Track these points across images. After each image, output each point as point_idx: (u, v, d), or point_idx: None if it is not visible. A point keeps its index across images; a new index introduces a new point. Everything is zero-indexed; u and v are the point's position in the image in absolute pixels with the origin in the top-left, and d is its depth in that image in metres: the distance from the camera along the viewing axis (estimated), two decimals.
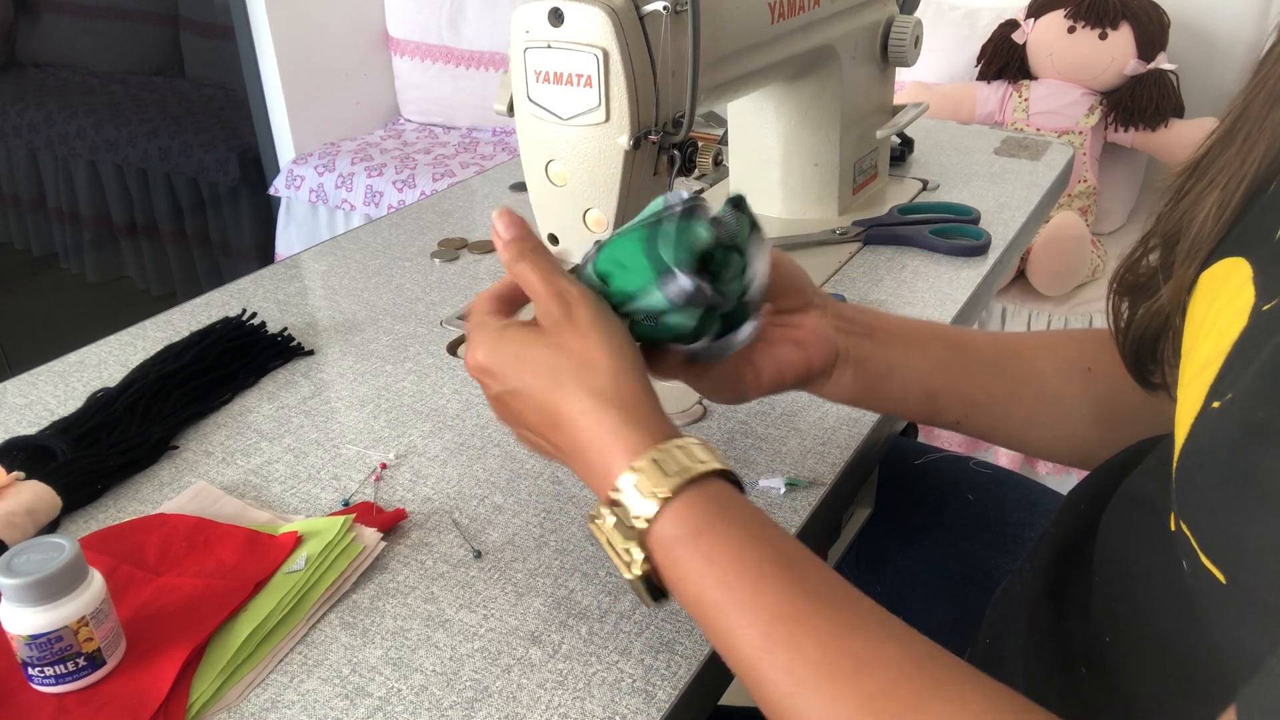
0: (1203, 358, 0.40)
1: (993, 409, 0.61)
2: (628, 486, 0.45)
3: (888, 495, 0.90)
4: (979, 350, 0.61)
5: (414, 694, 0.50)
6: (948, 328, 0.64)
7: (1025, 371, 0.61)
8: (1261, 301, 0.38)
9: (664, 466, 0.44)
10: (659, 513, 0.44)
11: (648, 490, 0.44)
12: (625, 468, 0.45)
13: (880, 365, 0.59)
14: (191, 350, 0.77)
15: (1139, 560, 0.44)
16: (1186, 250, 0.46)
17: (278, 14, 2.31)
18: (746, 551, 0.43)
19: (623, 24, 0.64)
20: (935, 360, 0.60)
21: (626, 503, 0.45)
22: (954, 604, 0.82)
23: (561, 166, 0.70)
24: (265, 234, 2.62)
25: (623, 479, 0.45)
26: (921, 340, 0.61)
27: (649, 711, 0.49)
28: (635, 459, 0.45)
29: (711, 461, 0.45)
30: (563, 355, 0.48)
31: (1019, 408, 0.61)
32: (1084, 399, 0.60)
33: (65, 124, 2.81)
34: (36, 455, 0.66)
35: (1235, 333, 0.38)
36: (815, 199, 0.99)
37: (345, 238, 1.01)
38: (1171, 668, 0.41)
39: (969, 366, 0.61)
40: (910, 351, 0.60)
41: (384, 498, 0.64)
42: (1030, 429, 0.62)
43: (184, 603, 0.54)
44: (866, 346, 0.59)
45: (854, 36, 0.93)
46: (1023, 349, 0.62)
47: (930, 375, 0.60)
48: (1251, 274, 0.39)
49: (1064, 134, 1.87)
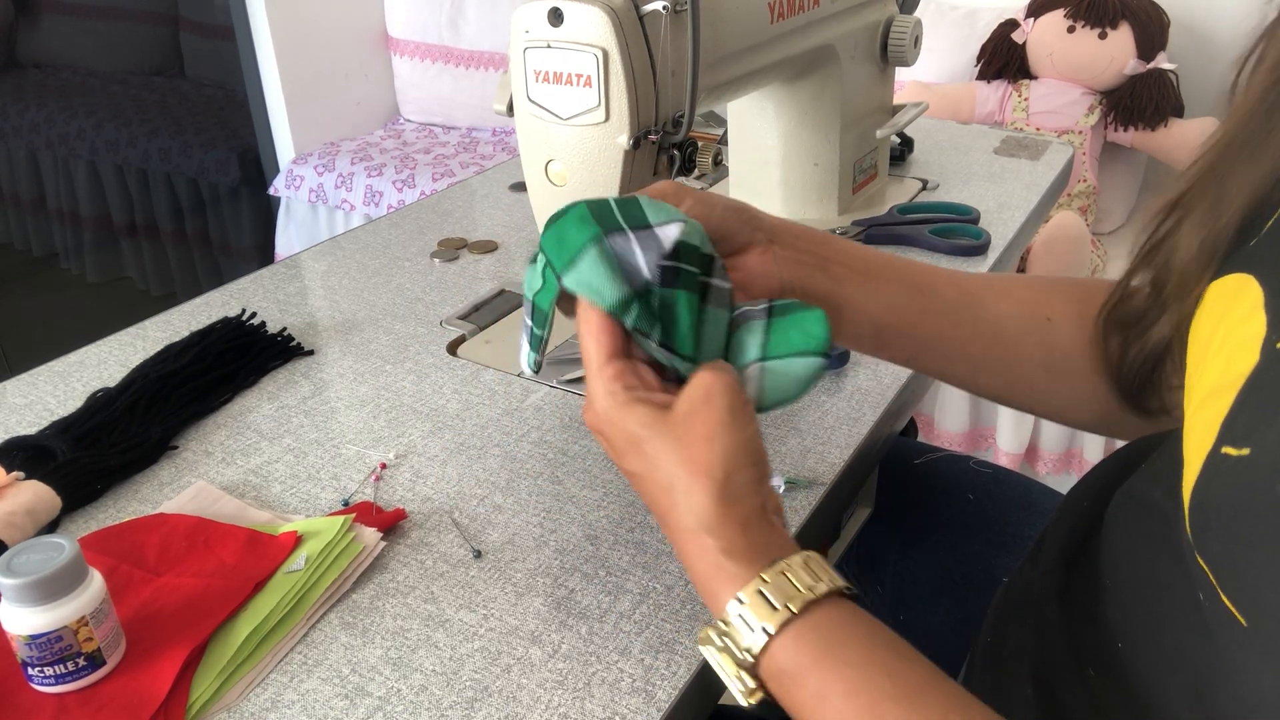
0: (1210, 381, 0.39)
1: (943, 350, 0.60)
2: (734, 617, 0.43)
3: (887, 495, 0.90)
4: (939, 292, 0.60)
5: (414, 694, 0.50)
6: (911, 265, 0.61)
7: (983, 317, 0.60)
8: (1275, 335, 0.37)
9: (770, 598, 0.43)
10: (767, 646, 0.42)
11: (756, 623, 0.42)
12: (731, 597, 0.43)
13: (830, 299, 0.58)
14: (191, 350, 0.77)
15: (1154, 574, 0.43)
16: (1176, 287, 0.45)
17: (278, 14, 2.31)
18: (862, 688, 0.41)
19: (622, 24, 0.64)
20: (889, 299, 0.59)
21: (735, 633, 0.43)
22: (954, 604, 0.82)
23: (561, 166, 0.70)
24: (265, 234, 2.62)
25: (730, 608, 0.43)
26: (879, 277, 0.59)
27: (649, 711, 0.49)
28: (741, 588, 0.43)
29: (821, 584, 0.43)
30: (682, 461, 0.46)
31: (970, 351, 0.60)
32: (1039, 349, 0.59)
33: (65, 124, 2.81)
34: (36, 455, 0.66)
35: (1246, 366, 0.37)
36: (815, 199, 0.99)
37: (345, 238, 1.01)
38: (1187, 681, 0.40)
39: (925, 309, 0.59)
40: (864, 287, 0.58)
41: (384, 498, 0.64)
42: (979, 374, 0.61)
43: (184, 603, 0.54)
44: (817, 279, 0.57)
45: (854, 36, 0.93)
46: (985, 294, 0.61)
47: (882, 314, 0.59)
48: (1263, 298, 0.38)
49: (1064, 134, 1.87)
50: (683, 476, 0.45)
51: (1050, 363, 0.59)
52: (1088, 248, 1.77)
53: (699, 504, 0.45)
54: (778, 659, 0.42)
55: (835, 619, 0.43)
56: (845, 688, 0.41)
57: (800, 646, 0.42)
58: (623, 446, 0.48)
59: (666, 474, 0.46)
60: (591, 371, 0.49)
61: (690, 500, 0.45)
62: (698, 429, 0.46)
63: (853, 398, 0.72)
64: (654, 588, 0.56)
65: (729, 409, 0.46)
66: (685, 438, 0.46)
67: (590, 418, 0.49)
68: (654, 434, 0.46)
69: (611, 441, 0.48)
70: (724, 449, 0.45)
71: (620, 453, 0.48)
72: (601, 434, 0.49)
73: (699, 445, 0.45)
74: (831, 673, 0.41)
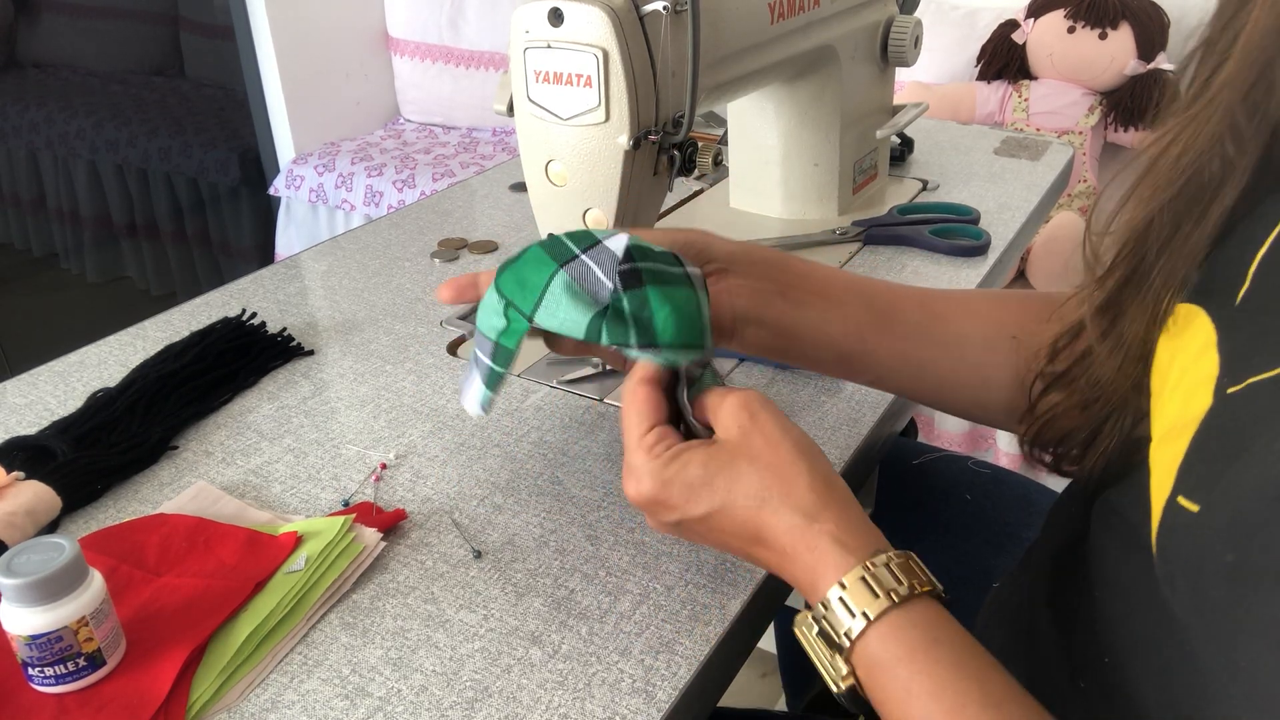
0: (1169, 419, 0.39)
1: (908, 372, 0.60)
2: (835, 600, 0.44)
3: (887, 495, 0.90)
4: (904, 314, 0.60)
5: (414, 694, 0.50)
6: (876, 286, 0.61)
7: (948, 337, 0.60)
8: (1226, 379, 0.37)
9: (873, 585, 0.43)
10: (864, 632, 0.43)
11: (855, 608, 0.43)
12: (834, 582, 0.44)
13: (787, 326, 0.58)
14: (191, 350, 0.77)
15: (1134, 593, 0.44)
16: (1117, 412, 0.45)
17: (278, 14, 2.31)
18: (948, 688, 0.41)
19: (623, 24, 0.64)
20: (853, 323, 0.59)
21: (833, 616, 0.44)
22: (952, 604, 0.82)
23: (561, 166, 0.70)
24: (265, 234, 2.62)
25: (831, 592, 0.44)
26: (841, 300, 0.59)
27: (649, 711, 0.49)
28: (845, 573, 0.44)
29: (920, 581, 0.44)
30: (763, 471, 0.47)
31: (936, 371, 0.60)
32: (1005, 367, 0.59)
33: (65, 124, 2.81)
34: (36, 455, 0.66)
35: (1200, 409, 0.37)
36: (815, 199, 0.99)
37: (345, 238, 1.01)
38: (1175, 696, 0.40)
39: (890, 330, 0.59)
40: (826, 312, 0.58)
41: (384, 498, 0.64)
42: (944, 391, 0.61)
43: (184, 603, 0.54)
44: (776, 307, 0.58)
45: (854, 37, 0.93)
46: (949, 313, 0.61)
47: (843, 338, 0.59)
48: (1215, 338, 0.38)
49: (1064, 134, 1.87)
50: (773, 484, 0.46)
51: (1016, 382, 0.59)
52: None
53: (800, 499, 0.46)
54: (871, 647, 0.43)
55: (931, 617, 0.44)
56: (933, 686, 0.41)
57: (897, 636, 0.43)
58: (687, 496, 0.48)
59: (752, 492, 0.46)
60: (630, 444, 0.49)
61: (791, 498, 0.46)
62: (759, 441, 0.47)
63: (853, 398, 0.72)
64: (654, 588, 0.56)
65: (773, 414, 0.47)
66: (755, 454, 0.47)
67: (636, 489, 0.49)
68: (719, 466, 0.47)
69: (670, 501, 0.48)
70: (796, 448, 0.47)
71: (686, 505, 0.48)
72: (658, 501, 0.49)
73: (773, 453, 0.46)
74: (922, 670, 0.42)
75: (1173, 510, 0.36)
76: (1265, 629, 0.32)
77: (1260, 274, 0.38)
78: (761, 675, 1.39)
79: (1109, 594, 0.46)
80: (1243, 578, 0.33)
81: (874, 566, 0.44)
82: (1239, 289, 0.38)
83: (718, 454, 0.47)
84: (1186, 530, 0.35)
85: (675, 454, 0.48)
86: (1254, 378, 0.35)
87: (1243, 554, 0.32)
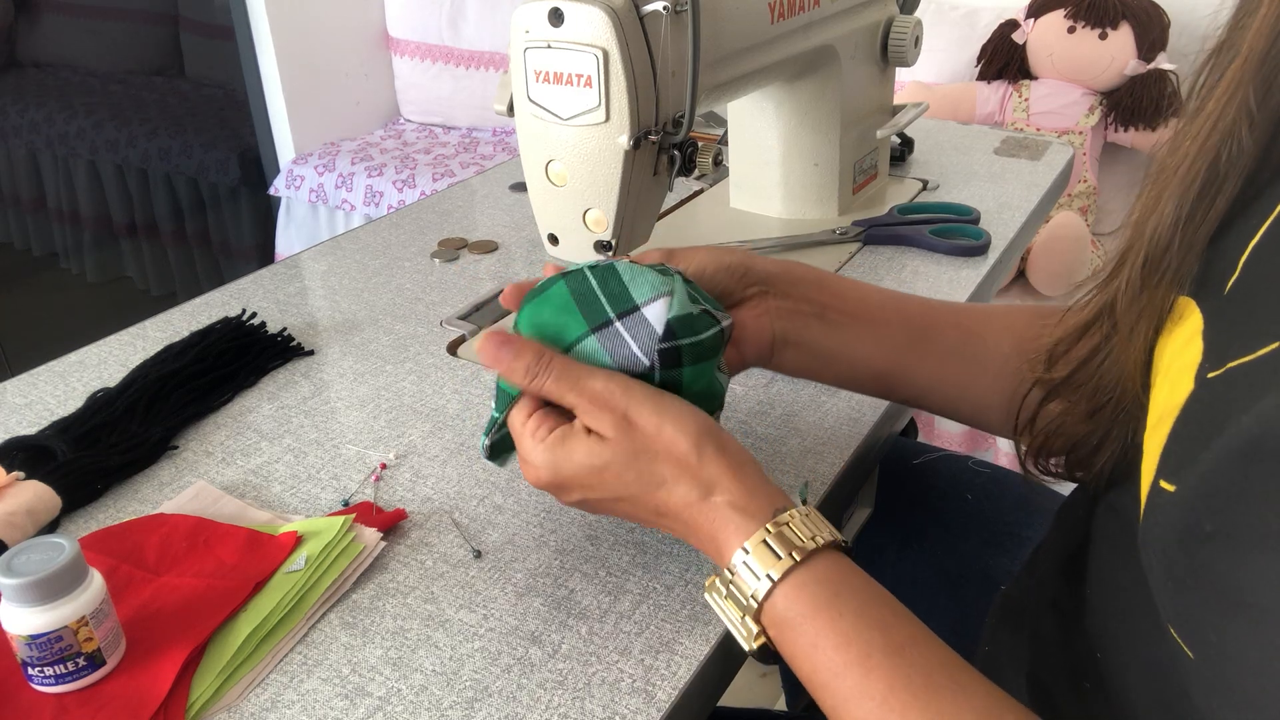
0: (1160, 406, 0.40)
1: (946, 392, 0.61)
2: (740, 565, 0.45)
3: (887, 495, 0.90)
4: (941, 334, 0.60)
5: (414, 694, 0.50)
6: (913, 306, 0.61)
7: (984, 355, 0.60)
8: (1208, 364, 0.37)
9: (775, 547, 0.45)
10: (770, 593, 0.44)
11: (760, 570, 0.45)
12: (737, 547, 0.46)
13: (825, 347, 0.59)
14: (191, 350, 0.77)
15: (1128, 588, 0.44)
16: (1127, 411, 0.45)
17: (278, 14, 2.31)
18: (854, 640, 0.43)
19: (623, 24, 0.64)
20: (890, 343, 0.59)
21: (740, 580, 0.45)
22: (953, 604, 0.82)
23: (561, 166, 0.70)
24: (265, 234, 2.62)
25: (735, 557, 0.46)
26: (879, 321, 0.59)
27: (649, 711, 0.49)
28: (747, 538, 0.46)
29: (822, 535, 0.46)
30: (648, 458, 0.48)
31: (973, 392, 0.60)
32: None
33: (65, 124, 2.81)
34: (36, 455, 0.66)
35: (1183, 395, 0.38)
36: (815, 199, 0.99)
37: (345, 238, 1.01)
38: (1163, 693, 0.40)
39: (927, 351, 0.60)
40: (863, 333, 0.59)
41: (384, 498, 0.64)
42: (981, 413, 0.61)
43: (184, 603, 0.54)
44: (814, 329, 0.58)
45: (854, 37, 0.93)
46: (985, 331, 0.61)
47: (881, 359, 0.59)
48: (1202, 326, 0.39)
49: (1064, 134, 1.87)
50: (664, 467, 0.48)
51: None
52: (1088, 248, 1.77)
53: (693, 475, 0.47)
54: (778, 606, 0.44)
55: (834, 570, 0.45)
56: (838, 639, 0.43)
57: (800, 594, 0.44)
58: (582, 479, 0.49)
59: (644, 480, 0.48)
60: (516, 432, 0.51)
61: (684, 476, 0.47)
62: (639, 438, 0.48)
63: (853, 398, 0.72)
64: (654, 588, 0.56)
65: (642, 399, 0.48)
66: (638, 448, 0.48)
67: (535, 476, 0.51)
68: (607, 461, 0.48)
69: (566, 482, 0.50)
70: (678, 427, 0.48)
71: (584, 487, 0.50)
72: (556, 484, 0.51)
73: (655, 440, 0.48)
74: (827, 624, 0.43)
75: (1155, 494, 0.37)
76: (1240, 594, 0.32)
77: (1250, 263, 0.38)
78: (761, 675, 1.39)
79: (1104, 593, 0.46)
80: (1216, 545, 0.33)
81: (775, 528, 0.45)
82: (1229, 279, 0.38)
83: (602, 446, 0.49)
84: (1164, 511, 0.36)
85: (560, 438, 0.50)
86: (1232, 362, 0.35)
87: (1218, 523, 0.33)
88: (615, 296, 0.50)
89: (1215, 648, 0.33)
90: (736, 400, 0.73)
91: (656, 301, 0.50)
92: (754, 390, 0.74)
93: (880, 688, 0.41)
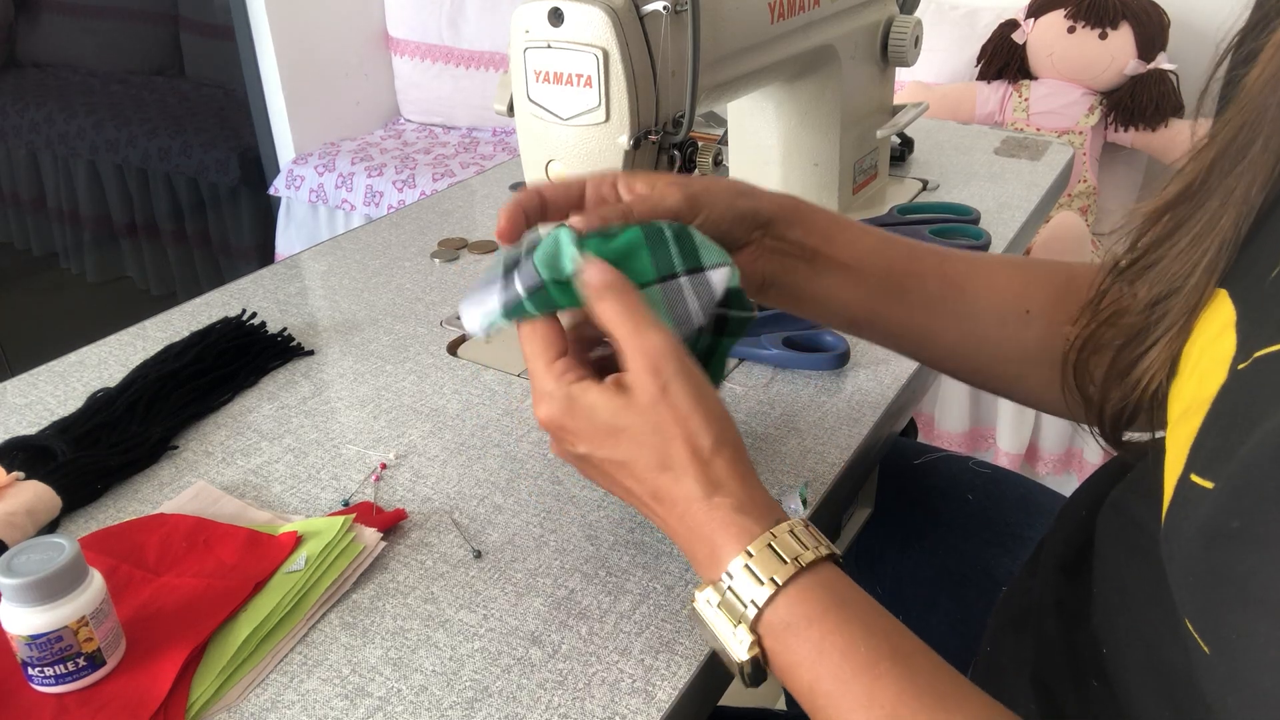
0: (1185, 400, 0.39)
1: (917, 337, 0.61)
2: (740, 569, 0.45)
3: (887, 495, 0.90)
4: (922, 285, 0.60)
5: (414, 694, 0.50)
6: (898, 252, 0.61)
7: (961, 309, 0.60)
8: (1240, 356, 0.37)
9: (780, 552, 0.44)
10: (773, 597, 0.44)
11: (763, 575, 0.44)
12: (738, 552, 0.45)
13: (807, 291, 0.59)
14: (191, 350, 0.77)
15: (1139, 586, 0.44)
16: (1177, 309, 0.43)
17: (278, 14, 2.31)
18: (860, 645, 0.42)
19: (623, 24, 0.64)
20: (866, 291, 0.59)
21: (737, 586, 0.45)
22: (953, 604, 0.82)
23: (561, 166, 0.70)
24: (265, 234, 2.62)
25: (736, 561, 0.45)
26: (863, 269, 0.59)
27: (649, 711, 0.49)
28: (750, 542, 0.45)
29: (822, 546, 0.45)
30: (666, 436, 0.47)
31: (945, 340, 0.61)
32: (1013, 342, 0.59)
33: (65, 124, 2.81)
34: (36, 455, 0.66)
35: (1214, 387, 0.37)
36: (815, 199, 0.99)
37: (345, 238, 1.01)
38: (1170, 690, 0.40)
39: (902, 301, 0.60)
40: (845, 280, 0.59)
41: (384, 498, 0.64)
42: (948, 360, 0.62)
43: (184, 603, 0.54)
44: (800, 273, 0.59)
45: (854, 36, 0.93)
46: (966, 285, 0.61)
47: (856, 305, 0.60)
48: (1235, 318, 0.39)
49: (1064, 134, 1.87)
50: (680, 452, 0.47)
51: (1024, 355, 0.60)
52: (1088, 248, 1.77)
53: (704, 470, 0.47)
54: (781, 612, 0.44)
55: (835, 580, 0.45)
56: (845, 644, 0.42)
57: (806, 599, 0.44)
58: (595, 434, 0.48)
59: (656, 459, 0.47)
60: (539, 370, 0.50)
61: (695, 467, 0.47)
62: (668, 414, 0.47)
63: (853, 398, 0.72)
64: (654, 588, 0.56)
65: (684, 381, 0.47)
66: (662, 424, 0.47)
67: (547, 412, 0.50)
68: (628, 422, 0.47)
69: (578, 430, 0.49)
70: (706, 421, 0.47)
71: (593, 442, 0.49)
72: (566, 428, 0.49)
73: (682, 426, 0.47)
74: (834, 629, 0.43)
75: (1185, 488, 0.37)
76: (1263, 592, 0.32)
77: None
78: None
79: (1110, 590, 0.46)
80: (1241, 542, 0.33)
81: (778, 534, 0.45)
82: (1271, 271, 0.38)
83: (627, 409, 0.48)
84: (1197, 505, 0.35)
85: (585, 387, 0.49)
86: (1259, 351, 0.35)
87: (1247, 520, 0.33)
88: (687, 254, 0.52)
89: (1233, 643, 0.33)
90: (736, 400, 0.73)
91: (721, 269, 0.52)
92: (754, 390, 0.74)
93: (889, 696, 0.41)
